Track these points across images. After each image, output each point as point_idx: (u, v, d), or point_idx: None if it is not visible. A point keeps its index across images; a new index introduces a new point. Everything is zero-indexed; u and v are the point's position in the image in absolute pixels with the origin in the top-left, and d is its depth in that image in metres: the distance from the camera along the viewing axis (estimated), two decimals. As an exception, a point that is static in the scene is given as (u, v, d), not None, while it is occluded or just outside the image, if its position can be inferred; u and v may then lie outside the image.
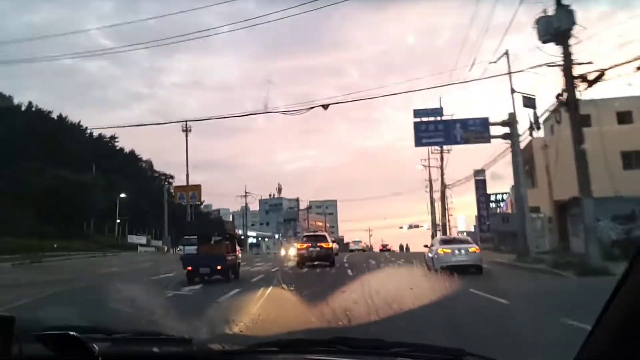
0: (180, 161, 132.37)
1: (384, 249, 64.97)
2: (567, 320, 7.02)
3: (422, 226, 75.75)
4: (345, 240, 76.24)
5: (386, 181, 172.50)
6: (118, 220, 57.34)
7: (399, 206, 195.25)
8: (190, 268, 16.36)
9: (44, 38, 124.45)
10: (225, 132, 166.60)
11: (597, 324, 1.33)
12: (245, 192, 76.95)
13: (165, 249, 53.53)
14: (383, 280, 10.59)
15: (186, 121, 52.78)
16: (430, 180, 57.98)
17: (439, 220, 56.82)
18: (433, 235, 50.18)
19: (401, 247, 68.20)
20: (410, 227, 79.48)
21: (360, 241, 73.24)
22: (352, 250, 58.00)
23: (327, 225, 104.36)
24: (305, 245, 23.90)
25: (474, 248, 19.50)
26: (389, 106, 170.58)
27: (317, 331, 3.22)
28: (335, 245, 29.38)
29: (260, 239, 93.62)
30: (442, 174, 51.93)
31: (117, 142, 66.86)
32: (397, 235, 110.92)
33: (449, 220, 54.61)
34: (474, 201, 43.25)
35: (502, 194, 78.64)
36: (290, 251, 68.29)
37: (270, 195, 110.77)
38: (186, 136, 54.05)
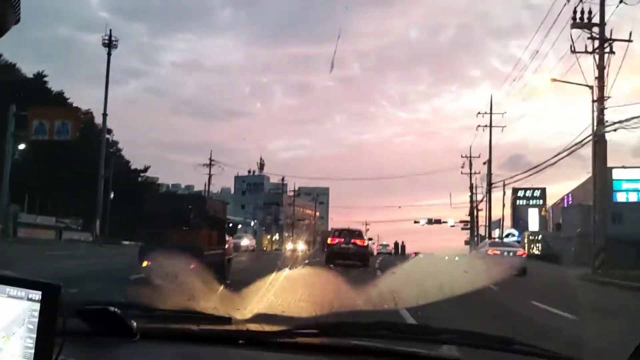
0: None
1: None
2: None
3: (445, 222, 65.84)
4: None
5: (383, 176, 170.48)
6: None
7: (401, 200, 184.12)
8: (148, 263, 10.88)
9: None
10: (221, 114, 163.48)
11: None
12: (210, 161, 55.68)
13: (92, 237, 36.42)
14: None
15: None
16: (489, 159, 43.85)
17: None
18: (483, 236, 46.52)
19: (396, 245, 60.61)
20: (430, 222, 66.42)
21: (388, 245, 63.17)
22: (378, 254, 48.72)
23: (317, 214, 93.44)
24: (337, 241, 22.48)
25: (521, 251, 21.47)
26: (387, 101, 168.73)
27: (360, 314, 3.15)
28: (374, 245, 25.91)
29: (234, 225, 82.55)
30: (489, 163, 42.79)
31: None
32: (410, 231, 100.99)
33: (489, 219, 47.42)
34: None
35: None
36: (299, 246, 63.81)
37: (249, 171, 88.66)
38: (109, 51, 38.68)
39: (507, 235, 57.51)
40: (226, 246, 14.41)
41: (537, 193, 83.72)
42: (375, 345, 1.58)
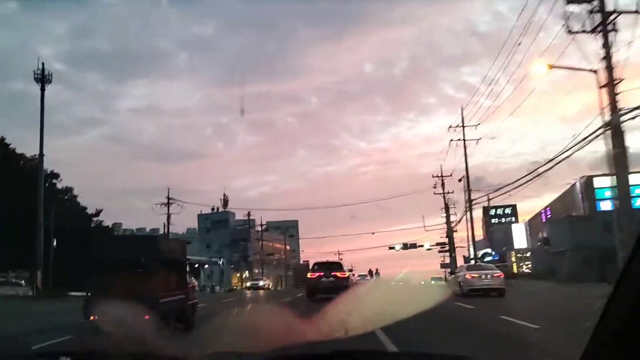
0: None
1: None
2: None
3: (421, 245, 64.99)
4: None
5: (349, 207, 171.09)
6: None
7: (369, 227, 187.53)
8: (94, 317, 9.33)
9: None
10: (183, 157, 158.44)
11: (600, 321, 1.33)
12: (168, 200, 49.25)
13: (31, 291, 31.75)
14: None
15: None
16: (466, 174, 39.87)
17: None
18: (467, 257, 45.66)
19: (371, 273, 61.43)
20: (406, 246, 65.43)
21: (367, 275, 62.90)
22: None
23: (288, 247, 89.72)
24: (316, 275, 22.47)
25: (497, 273, 21.94)
26: (347, 132, 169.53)
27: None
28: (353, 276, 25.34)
29: (197, 265, 69.57)
30: (467, 178, 39.49)
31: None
32: (386, 257, 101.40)
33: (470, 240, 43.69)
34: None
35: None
36: (266, 282, 62.64)
37: (213, 209, 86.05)
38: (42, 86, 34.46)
39: (482, 256, 55.99)
40: (189, 290, 13.23)
41: (508, 210, 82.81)
42: None
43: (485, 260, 52.33)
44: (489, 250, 70.43)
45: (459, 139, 38.63)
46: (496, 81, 46.78)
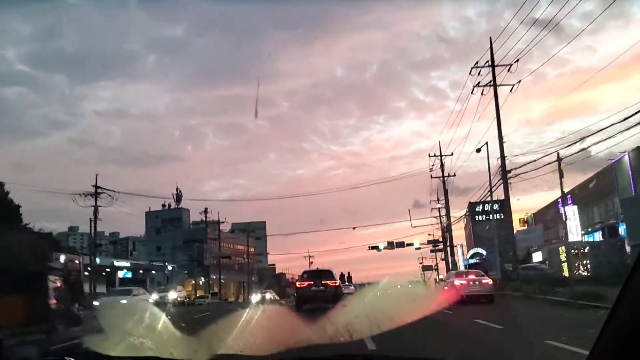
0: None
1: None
2: None
3: (410, 244, 57.30)
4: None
5: (318, 209, 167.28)
6: None
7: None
8: None
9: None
10: (151, 160, 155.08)
11: (603, 329, 1.38)
12: (96, 189, 39.17)
13: None
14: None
15: None
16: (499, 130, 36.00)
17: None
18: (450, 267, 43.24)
19: (342, 277, 55.02)
20: (391, 246, 56.68)
21: (351, 284, 56.37)
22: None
23: (252, 250, 78.10)
24: (306, 284, 21.81)
25: (486, 280, 21.86)
26: (318, 136, 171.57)
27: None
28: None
29: (142, 272, 57.78)
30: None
31: None
32: (361, 260, 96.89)
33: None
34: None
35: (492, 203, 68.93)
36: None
37: (164, 205, 72.52)
38: None
39: (472, 256, 50.29)
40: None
41: (496, 206, 74.61)
42: None
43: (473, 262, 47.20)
44: (479, 249, 62.50)
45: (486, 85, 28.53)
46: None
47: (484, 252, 65.74)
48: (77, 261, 43.24)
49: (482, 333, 11.00)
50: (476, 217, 69.47)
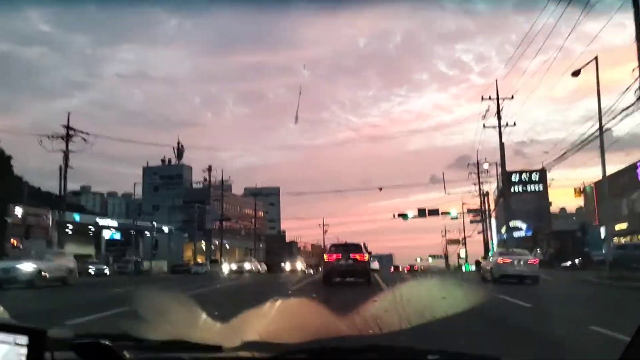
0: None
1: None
2: None
3: (446, 212, 52.16)
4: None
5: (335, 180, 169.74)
6: None
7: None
8: None
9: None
10: (171, 125, 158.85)
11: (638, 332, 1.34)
12: (67, 130, 32.72)
13: None
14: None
15: None
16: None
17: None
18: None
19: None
20: (422, 213, 50.49)
21: (375, 260, 52.55)
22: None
23: (262, 214, 71.52)
24: (334, 257, 20.67)
25: (532, 259, 21.67)
26: (337, 106, 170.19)
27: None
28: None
29: (134, 233, 49.44)
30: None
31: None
32: (376, 231, 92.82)
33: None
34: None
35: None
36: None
37: (163, 161, 66.32)
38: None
39: (513, 229, 44.74)
40: None
41: (535, 176, 68.22)
42: None
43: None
44: (519, 223, 56.29)
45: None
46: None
47: (524, 226, 60.24)
48: (45, 217, 38.63)
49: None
50: (511, 188, 63.89)
